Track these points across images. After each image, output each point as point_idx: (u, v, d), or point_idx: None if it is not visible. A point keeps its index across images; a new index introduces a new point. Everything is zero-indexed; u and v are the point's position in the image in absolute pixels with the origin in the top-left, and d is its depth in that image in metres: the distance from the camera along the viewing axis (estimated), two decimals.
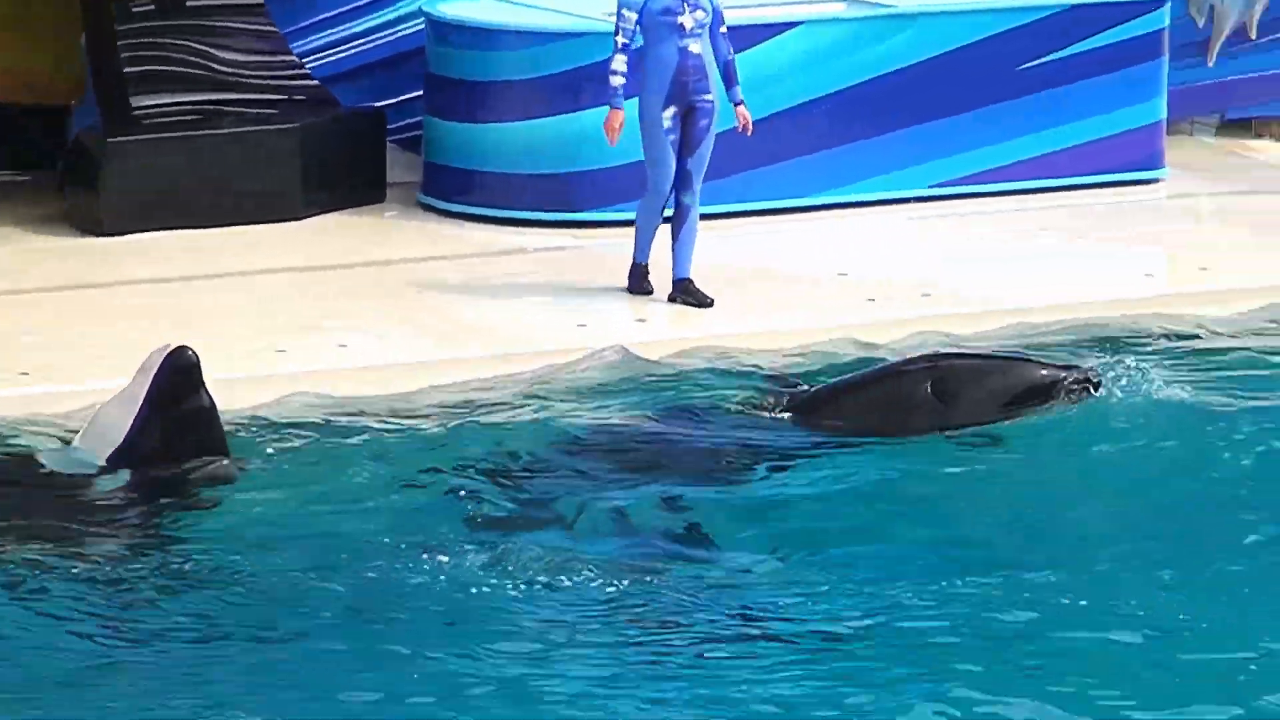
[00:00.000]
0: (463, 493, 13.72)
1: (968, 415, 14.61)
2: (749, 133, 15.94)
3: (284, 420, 14.59)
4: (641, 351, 15.46)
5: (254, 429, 14.42)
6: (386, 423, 14.70)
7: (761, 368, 15.44)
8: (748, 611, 12.37)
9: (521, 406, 14.79)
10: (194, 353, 13.29)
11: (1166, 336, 15.97)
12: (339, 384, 14.96)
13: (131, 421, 13.31)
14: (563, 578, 12.69)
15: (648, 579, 12.73)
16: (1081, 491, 13.76)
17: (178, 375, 13.42)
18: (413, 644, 11.75)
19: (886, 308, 16.28)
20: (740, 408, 15.17)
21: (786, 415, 15.14)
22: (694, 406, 15.10)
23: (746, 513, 13.44)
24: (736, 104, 15.84)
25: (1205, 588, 12.35)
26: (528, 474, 14.06)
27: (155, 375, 13.40)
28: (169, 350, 13.32)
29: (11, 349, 15.15)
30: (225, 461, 13.35)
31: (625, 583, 12.79)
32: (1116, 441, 14.12)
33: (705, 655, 12.10)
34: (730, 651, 12.05)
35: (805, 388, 15.41)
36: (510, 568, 12.65)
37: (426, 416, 14.84)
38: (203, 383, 13.45)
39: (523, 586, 12.77)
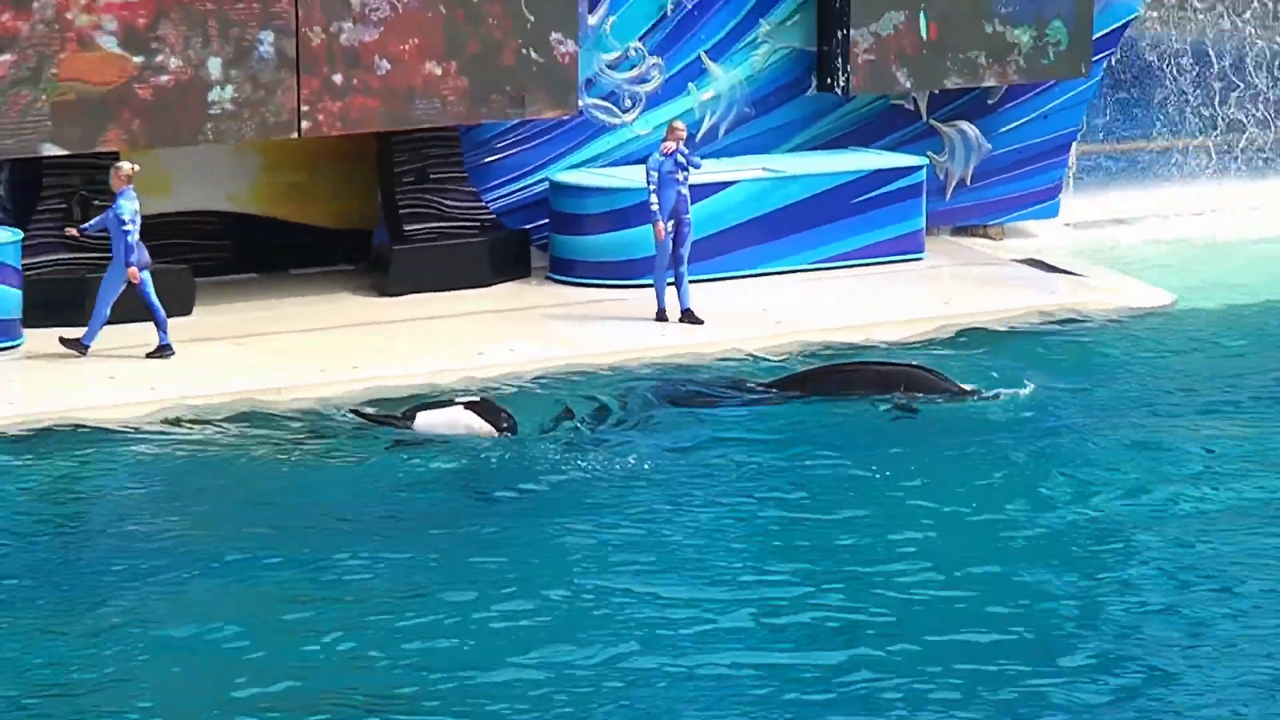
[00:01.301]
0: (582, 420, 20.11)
1: (871, 391, 20.91)
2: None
3: (488, 386, 21.06)
4: (668, 350, 22.24)
5: (481, 389, 20.82)
6: (538, 383, 21.40)
7: (732, 361, 22.02)
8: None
9: (606, 379, 21.60)
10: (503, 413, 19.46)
11: (936, 338, 22.93)
12: (517, 369, 21.67)
13: (473, 422, 19.56)
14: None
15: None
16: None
17: (489, 413, 19.62)
18: None
19: (785, 328, 23.00)
20: (741, 380, 21.61)
21: (769, 384, 21.35)
22: (713, 380, 21.62)
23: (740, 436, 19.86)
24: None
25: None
26: (614, 412, 20.38)
27: (477, 407, 19.83)
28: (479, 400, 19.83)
29: (348, 353, 22.08)
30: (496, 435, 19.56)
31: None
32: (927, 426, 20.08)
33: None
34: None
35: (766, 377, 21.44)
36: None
37: (540, 384, 21.50)
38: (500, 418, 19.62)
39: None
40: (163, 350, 21.71)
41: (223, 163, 23.73)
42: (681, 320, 22.69)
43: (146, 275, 21.50)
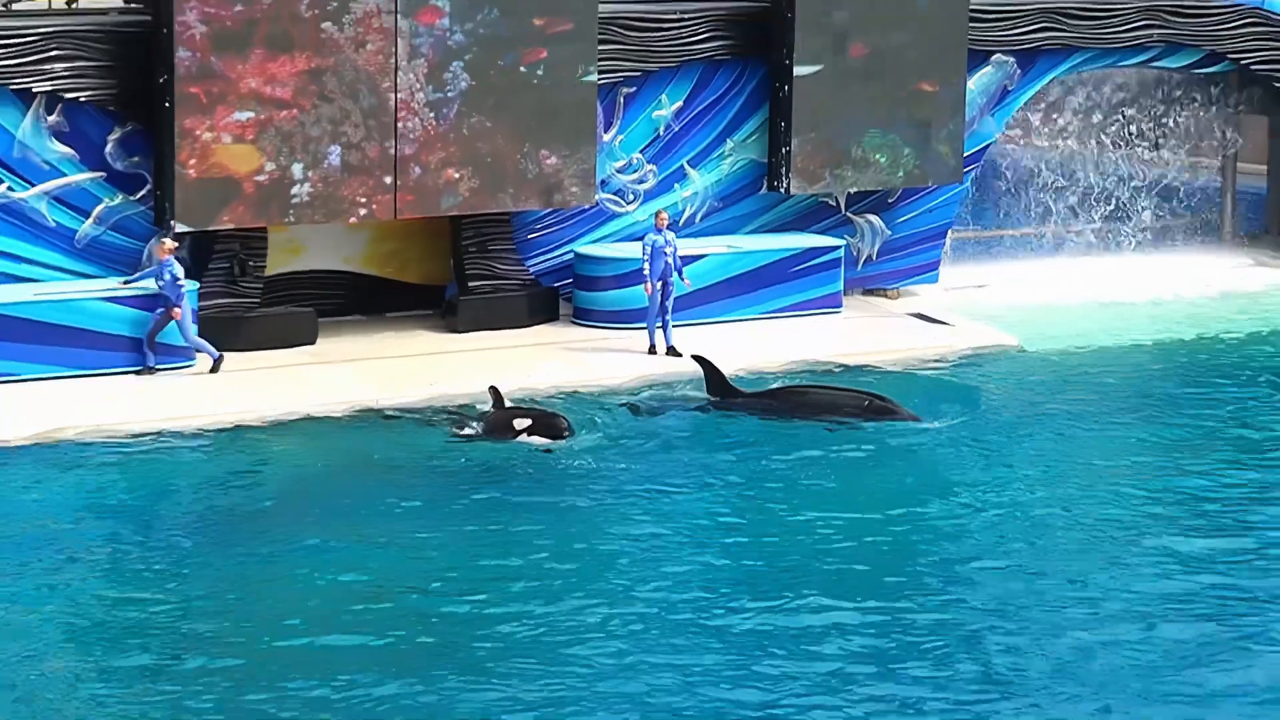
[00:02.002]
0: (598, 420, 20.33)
1: (833, 414, 20.46)
2: (689, 289, 23.23)
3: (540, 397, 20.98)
4: (657, 374, 22.24)
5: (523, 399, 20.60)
6: (563, 394, 21.28)
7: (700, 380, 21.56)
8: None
9: (614, 394, 21.63)
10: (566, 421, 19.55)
11: (853, 367, 22.84)
12: (550, 386, 21.64)
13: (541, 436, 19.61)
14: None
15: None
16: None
17: (551, 421, 19.72)
18: None
19: (750, 359, 22.87)
20: (718, 396, 21.19)
21: (742, 400, 21.07)
22: (689, 394, 21.48)
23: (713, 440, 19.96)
24: (684, 279, 22.91)
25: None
26: (615, 420, 20.40)
27: (540, 414, 19.93)
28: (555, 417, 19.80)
29: (427, 372, 22.05)
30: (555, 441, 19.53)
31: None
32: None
33: None
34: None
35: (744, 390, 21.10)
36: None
37: (566, 395, 21.46)
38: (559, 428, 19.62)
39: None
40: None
41: (341, 235, 23.65)
42: (667, 354, 22.92)
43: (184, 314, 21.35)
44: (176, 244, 21.60)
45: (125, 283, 21.80)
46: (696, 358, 21.62)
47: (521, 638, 14.64)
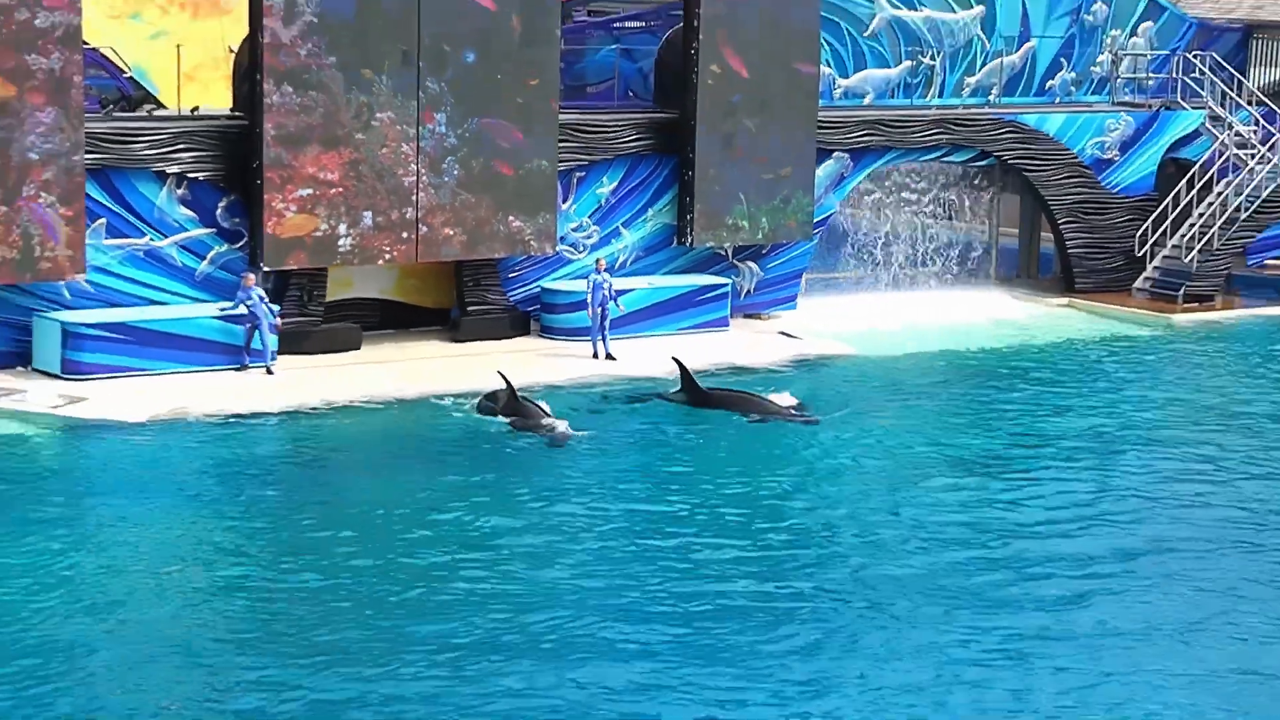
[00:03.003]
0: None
1: (756, 411, 19.82)
2: (622, 312, 23.14)
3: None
4: (600, 374, 21.81)
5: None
6: (537, 386, 20.30)
7: (641, 381, 21.51)
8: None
9: (567, 389, 20.85)
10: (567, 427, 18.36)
11: (740, 368, 22.67)
12: (527, 381, 20.22)
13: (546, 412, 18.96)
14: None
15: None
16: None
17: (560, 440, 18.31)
18: None
19: (662, 365, 22.03)
20: (660, 395, 20.83)
21: (682, 397, 20.69)
22: (630, 393, 20.84)
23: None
24: (619, 306, 22.93)
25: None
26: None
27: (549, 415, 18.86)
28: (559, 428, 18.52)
29: (438, 372, 21.66)
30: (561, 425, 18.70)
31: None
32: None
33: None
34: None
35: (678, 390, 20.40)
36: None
37: (537, 387, 20.21)
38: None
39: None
40: (251, 368, 21.15)
41: (377, 273, 23.53)
42: (606, 359, 22.99)
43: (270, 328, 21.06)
44: (255, 276, 21.47)
45: (221, 310, 21.62)
46: (675, 359, 21.18)
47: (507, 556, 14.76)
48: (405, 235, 22.71)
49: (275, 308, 21.70)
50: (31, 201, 20.18)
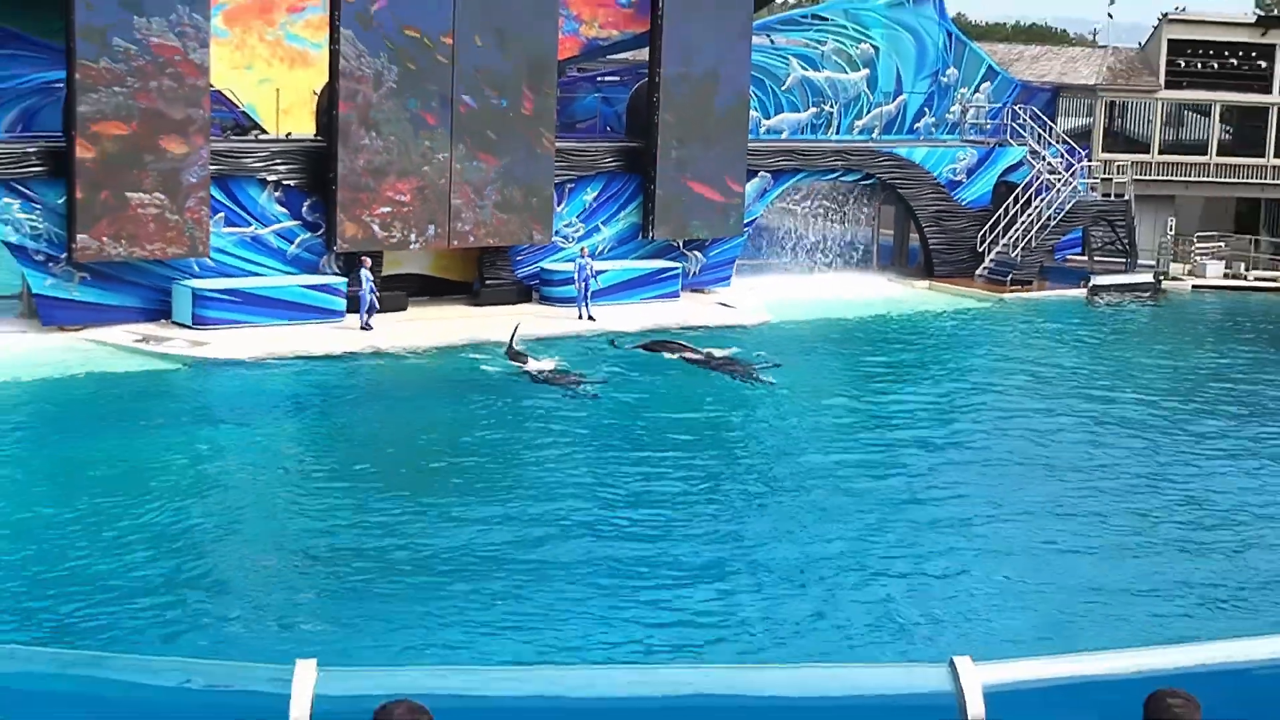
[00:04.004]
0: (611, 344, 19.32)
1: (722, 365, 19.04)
2: (601, 287, 22.54)
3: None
4: (586, 330, 21.51)
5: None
6: (538, 339, 19.92)
7: (607, 333, 21.31)
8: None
9: (561, 340, 20.34)
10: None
11: (690, 327, 21.86)
12: (529, 335, 20.01)
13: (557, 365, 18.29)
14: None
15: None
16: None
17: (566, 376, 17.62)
18: None
19: (630, 322, 22.03)
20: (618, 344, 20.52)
21: (640, 346, 20.22)
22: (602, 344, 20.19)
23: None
24: (598, 282, 22.43)
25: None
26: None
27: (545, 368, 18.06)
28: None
29: (465, 328, 21.12)
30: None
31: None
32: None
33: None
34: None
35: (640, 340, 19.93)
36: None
37: (538, 340, 19.80)
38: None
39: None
40: (367, 328, 20.85)
41: (421, 255, 23.25)
42: (588, 319, 22.63)
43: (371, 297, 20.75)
44: (369, 260, 21.38)
45: (350, 286, 21.19)
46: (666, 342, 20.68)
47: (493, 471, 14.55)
48: (443, 228, 22.77)
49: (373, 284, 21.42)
50: (193, 214, 20.52)
